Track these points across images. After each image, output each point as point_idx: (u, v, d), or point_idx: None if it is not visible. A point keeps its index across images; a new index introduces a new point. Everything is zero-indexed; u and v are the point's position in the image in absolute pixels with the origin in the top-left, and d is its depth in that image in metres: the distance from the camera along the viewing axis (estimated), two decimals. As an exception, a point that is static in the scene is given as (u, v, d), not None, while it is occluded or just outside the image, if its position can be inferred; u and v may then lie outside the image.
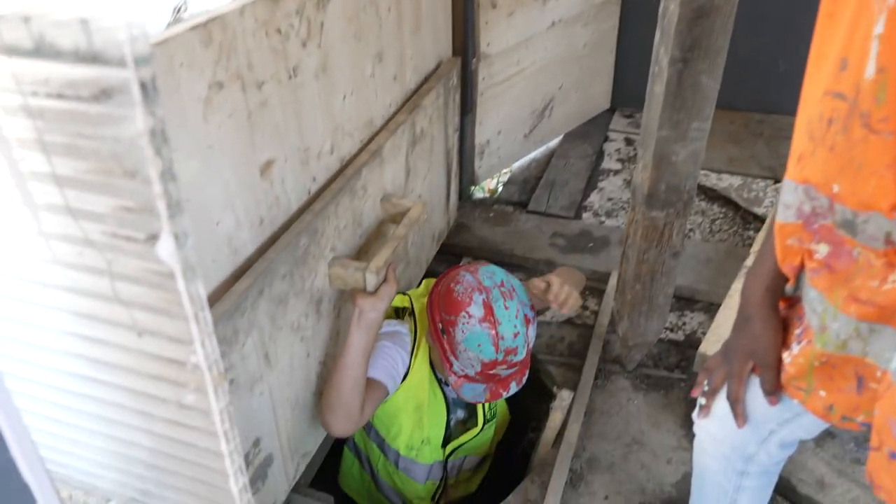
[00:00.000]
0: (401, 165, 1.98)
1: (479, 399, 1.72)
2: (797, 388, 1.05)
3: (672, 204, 1.68)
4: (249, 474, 1.45)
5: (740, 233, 2.63)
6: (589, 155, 3.08)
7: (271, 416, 1.48)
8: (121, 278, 0.65)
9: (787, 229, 0.93)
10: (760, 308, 1.07)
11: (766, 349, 1.07)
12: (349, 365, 1.53)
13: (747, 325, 1.09)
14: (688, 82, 1.47)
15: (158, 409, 0.76)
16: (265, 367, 1.41)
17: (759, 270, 1.07)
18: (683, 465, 1.81)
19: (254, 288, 1.32)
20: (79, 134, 0.57)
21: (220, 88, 1.29)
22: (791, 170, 0.90)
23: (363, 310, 1.54)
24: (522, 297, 1.68)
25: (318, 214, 1.53)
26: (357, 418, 1.56)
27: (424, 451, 1.84)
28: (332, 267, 1.59)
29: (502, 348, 1.60)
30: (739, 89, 3.15)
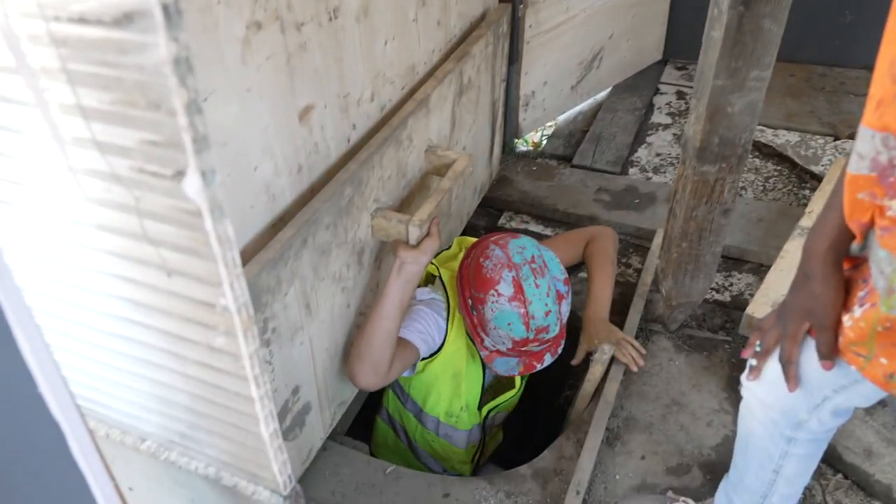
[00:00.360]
0: (447, 116, 1.93)
1: (513, 372, 1.70)
2: (856, 354, 0.99)
3: (725, 158, 1.60)
4: (288, 421, 1.46)
5: (795, 192, 2.52)
6: (638, 108, 2.97)
7: (310, 366, 1.49)
8: (149, 216, 0.64)
9: (859, 182, 0.86)
10: (822, 265, 1.01)
11: (825, 309, 1.01)
12: (384, 316, 1.51)
13: (807, 282, 1.03)
14: (749, 27, 1.38)
15: (190, 352, 0.75)
16: (306, 317, 1.40)
17: (823, 225, 1.01)
18: (724, 428, 1.77)
19: (297, 237, 1.30)
20: (102, 62, 0.55)
21: (258, 28, 1.26)
22: (868, 116, 0.83)
23: (404, 262, 1.51)
24: (555, 272, 1.63)
25: (363, 164, 1.49)
26: (384, 373, 1.54)
27: (463, 417, 1.84)
28: (375, 218, 1.57)
29: (533, 327, 1.58)
30: (801, 40, 2.98)
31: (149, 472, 0.96)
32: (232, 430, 0.81)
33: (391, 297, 1.52)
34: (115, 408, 0.92)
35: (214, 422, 0.81)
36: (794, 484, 1.31)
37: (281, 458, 0.81)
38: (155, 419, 0.89)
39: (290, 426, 1.47)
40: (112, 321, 0.78)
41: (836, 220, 0.96)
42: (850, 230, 0.95)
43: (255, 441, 0.80)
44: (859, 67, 3.00)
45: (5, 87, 0.61)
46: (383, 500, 1.64)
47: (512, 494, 1.64)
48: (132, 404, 0.90)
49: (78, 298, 0.78)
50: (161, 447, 0.92)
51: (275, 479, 0.83)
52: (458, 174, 1.69)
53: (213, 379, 0.76)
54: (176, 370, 0.79)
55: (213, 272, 0.64)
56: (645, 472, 1.69)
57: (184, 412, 0.85)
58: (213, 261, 0.63)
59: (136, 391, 0.87)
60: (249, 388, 0.73)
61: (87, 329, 0.81)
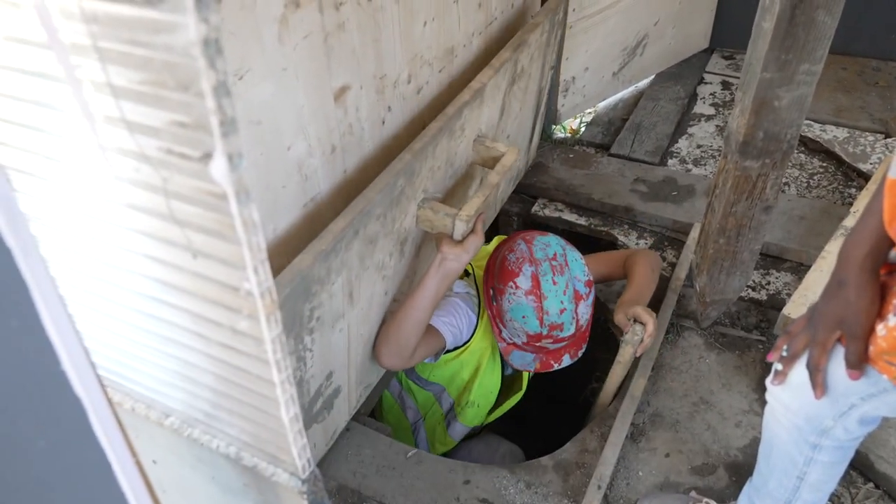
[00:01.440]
0: (498, 105, 1.89)
1: (529, 368, 1.72)
2: (888, 364, 0.95)
3: (769, 154, 1.55)
4: (318, 405, 1.46)
5: (840, 190, 2.44)
6: (681, 98, 2.91)
7: (345, 351, 1.49)
8: (176, 197, 0.63)
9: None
10: (859, 272, 0.97)
11: (858, 318, 0.97)
12: (417, 307, 1.52)
13: (841, 289, 0.99)
14: (801, 18, 1.33)
15: (214, 333, 0.75)
16: (348, 305, 1.40)
17: (861, 231, 0.97)
18: (753, 429, 1.73)
19: (350, 228, 1.29)
20: (132, 41, 0.54)
21: (296, 7, 1.24)
22: None
23: (446, 257, 1.51)
24: (576, 272, 1.63)
25: (416, 154, 1.46)
26: (407, 358, 1.57)
27: (468, 412, 1.85)
28: (422, 208, 1.55)
29: (546, 323, 1.59)
30: (856, 32, 2.88)
31: (172, 446, 0.97)
32: (253, 412, 0.81)
33: (428, 290, 1.52)
34: (141, 382, 0.93)
35: (236, 403, 0.82)
36: (818, 490, 1.28)
37: (300, 443, 0.81)
38: (179, 396, 0.90)
39: (319, 409, 1.48)
40: (139, 299, 0.78)
41: (876, 225, 0.92)
42: (890, 237, 0.91)
43: (276, 424, 0.80)
44: (916, 62, 2.88)
45: (38, 62, 0.61)
46: (403, 482, 1.64)
47: (532, 485, 1.63)
48: (158, 381, 0.91)
49: (106, 275, 0.78)
50: (184, 424, 0.93)
51: (294, 463, 0.84)
52: (507, 169, 1.66)
53: (235, 361, 0.76)
54: (201, 350, 0.79)
55: (237, 255, 0.64)
56: (668, 470, 1.67)
57: (207, 392, 0.85)
58: (238, 244, 0.62)
59: (161, 368, 0.88)
60: (271, 372, 0.73)
61: (115, 305, 0.81)
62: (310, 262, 1.21)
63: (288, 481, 0.87)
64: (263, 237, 0.64)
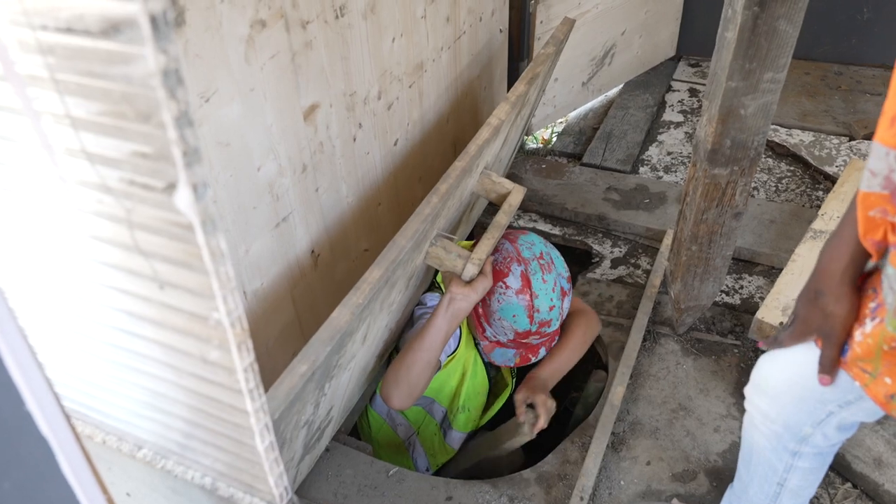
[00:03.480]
0: (503, 136, 1.87)
1: (509, 363, 1.73)
2: (862, 371, 0.96)
3: (737, 161, 1.57)
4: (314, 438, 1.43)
5: (808, 193, 2.48)
6: (650, 106, 2.94)
7: (346, 386, 1.47)
8: (140, 228, 0.62)
9: (870, 199, 0.84)
10: (838, 285, 0.96)
11: (835, 327, 0.97)
12: (427, 348, 1.52)
13: (819, 299, 0.99)
14: (763, 28, 1.35)
15: (185, 364, 0.74)
16: (361, 345, 1.38)
17: (839, 243, 0.96)
18: (731, 434, 1.75)
19: (384, 278, 1.26)
20: (89, 72, 0.53)
21: (262, 27, 1.24)
22: (883, 132, 0.79)
23: (454, 297, 1.52)
24: (560, 269, 1.65)
25: (443, 197, 1.43)
26: (417, 396, 1.57)
27: (460, 418, 1.84)
28: (434, 246, 1.53)
29: (537, 320, 1.60)
30: (817, 37, 2.94)
31: (146, 479, 0.95)
32: (227, 442, 0.79)
33: (438, 330, 1.53)
34: (111, 415, 0.91)
35: (210, 433, 0.80)
36: (798, 496, 1.29)
37: (277, 471, 0.80)
38: (151, 427, 0.88)
39: (313, 443, 1.45)
40: (107, 331, 0.76)
41: (853, 235, 0.92)
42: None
43: (251, 453, 0.78)
44: (876, 66, 2.95)
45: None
46: (385, 502, 1.63)
47: (515, 499, 1.63)
48: (129, 412, 0.89)
49: (72, 307, 0.76)
50: (157, 455, 0.91)
51: (270, 492, 0.82)
52: (514, 209, 1.66)
53: (208, 391, 0.74)
54: (172, 381, 0.77)
55: (205, 285, 0.63)
56: (650, 479, 1.67)
57: (180, 422, 0.84)
58: (206, 274, 0.61)
59: (132, 400, 0.86)
60: (245, 401, 0.72)
61: (81, 337, 0.80)
62: (348, 319, 1.18)
63: (265, 510, 0.85)
64: (233, 265, 0.63)
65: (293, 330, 1.54)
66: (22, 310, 0.79)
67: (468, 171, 1.53)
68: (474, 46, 2.12)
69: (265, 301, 1.43)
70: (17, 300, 0.79)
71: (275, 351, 1.48)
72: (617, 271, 2.24)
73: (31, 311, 0.80)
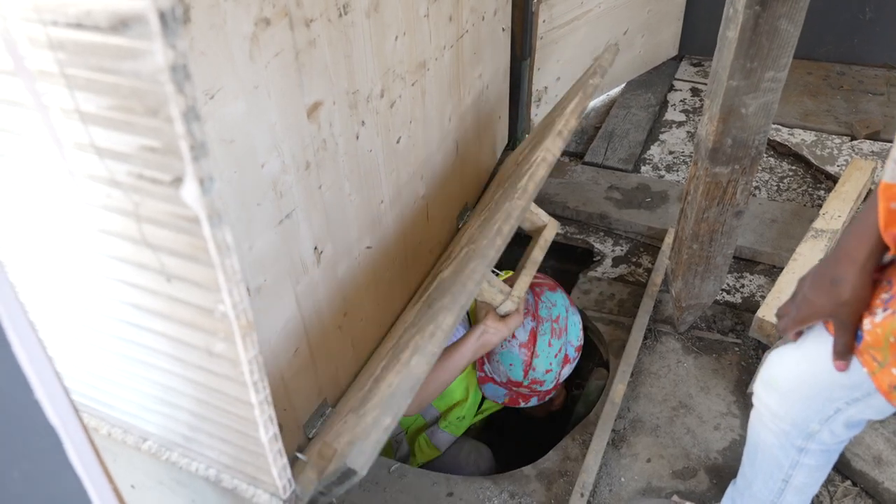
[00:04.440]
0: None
1: (498, 400, 1.77)
2: (872, 359, 0.96)
3: (738, 160, 1.58)
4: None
5: (810, 192, 2.49)
6: (652, 105, 2.95)
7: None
8: (148, 221, 0.63)
9: (892, 191, 0.84)
10: (859, 274, 0.94)
11: (850, 315, 0.97)
12: (449, 370, 1.56)
13: (834, 286, 0.97)
14: (765, 27, 1.36)
15: (190, 356, 0.75)
16: None
17: (864, 229, 0.94)
18: (732, 431, 1.75)
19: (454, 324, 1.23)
20: (99, 68, 0.54)
21: (267, 25, 1.25)
22: None
23: (487, 330, 1.55)
24: (572, 337, 1.70)
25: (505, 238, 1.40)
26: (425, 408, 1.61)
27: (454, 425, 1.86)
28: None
29: (530, 377, 1.63)
30: (820, 37, 2.94)
31: (150, 471, 0.96)
32: (232, 434, 0.80)
33: (464, 358, 1.57)
34: (117, 407, 0.92)
35: (215, 425, 0.81)
36: (802, 493, 1.29)
37: (280, 463, 0.81)
38: (156, 420, 0.89)
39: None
40: (113, 323, 0.78)
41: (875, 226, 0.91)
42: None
43: (255, 445, 0.79)
44: (878, 66, 2.95)
45: (5, 89, 0.61)
46: (387, 497, 1.64)
47: (516, 495, 1.64)
48: (134, 405, 0.90)
49: (79, 300, 0.77)
50: (162, 447, 0.92)
51: (274, 483, 0.83)
52: (548, 243, 1.66)
53: (213, 383, 0.75)
54: (177, 373, 0.78)
55: (211, 278, 0.64)
56: (651, 476, 1.68)
57: (185, 414, 0.85)
58: (212, 267, 0.62)
59: (138, 392, 0.87)
60: (249, 393, 0.73)
61: (88, 330, 0.81)
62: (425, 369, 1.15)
63: (268, 502, 0.86)
64: (238, 259, 0.64)
65: (296, 326, 1.55)
66: (31, 303, 0.80)
67: (525, 210, 1.51)
68: (477, 45, 2.13)
69: (268, 297, 1.44)
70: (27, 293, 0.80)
71: (277, 347, 1.49)
72: (618, 270, 2.24)
73: (40, 304, 0.82)
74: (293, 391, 1.56)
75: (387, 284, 1.89)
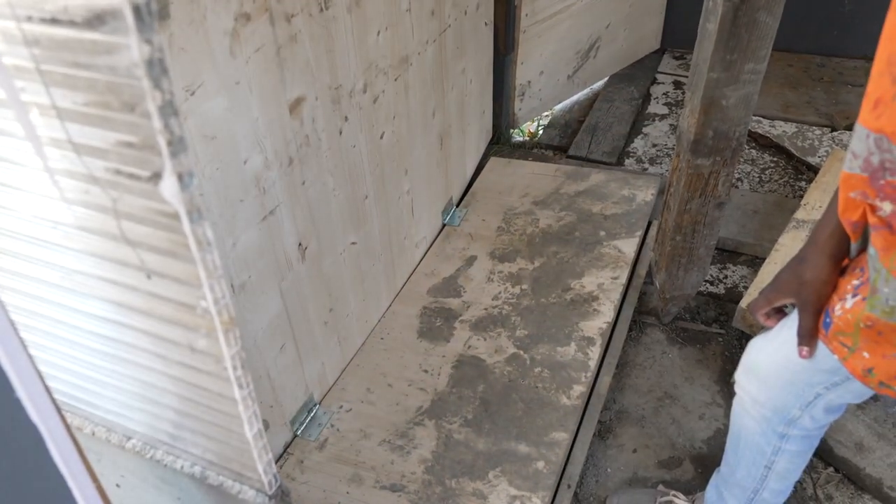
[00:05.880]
0: None
1: None
2: (841, 344, 0.99)
3: (719, 152, 1.59)
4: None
5: (791, 183, 2.51)
6: (635, 98, 2.96)
7: None
8: (127, 217, 0.63)
9: (851, 181, 0.86)
10: (818, 254, 1.01)
11: (809, 294, 1.01)
12: None
13: (799, 265, 1.04)
14: (744, 20, 1.37)
15: (172, 353, 0.75)
16: None
17: (827, 215, 1.01)
18: (716, 421, 1.77)
19: None
20: (74, 63, 0.54)
21: (247, 20, 1.24)
22: (865, 115, 0.81)
23: None
24: None
25: None
26: None
27: None
28: None
29: None
30: (800, 30, 2.97)
31: (135, 469, 0.96)
32: (216, 431, 0.80)
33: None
34: (100, 406, 0.91)
35: (199, 422, 0.81)
36: (785, 479, 1.31)
37: (265, 458, 0.81)
38: (140, 418, 0.89)
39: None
40: (94, 321, 0.77)
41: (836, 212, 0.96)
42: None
43: (239, 441, 0.79)
44: (858, 58, 2.98)
45: (-21, 86, 0.60)
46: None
47: (503, 487, 1.64)
48: (117, 403, 0.90)
49: (59, 298, 0.77)
50: (147, 445, 0.92)
51: (260, 479, 0.83)
52: None
53: (196, 380, 0.75)
54: (160, 370, 0.78)
55: (192, 274, 0.63)
56: (636, 466, 1.69)
57: (169, 412, 0.85)
58: (192, 263, 0.62)
59: (120, 390, 0.86)
60: (232, 389, 0.73)
61: (70, 328, 0.80)
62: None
63: (254, 498, 0.86)
64: (219, 254, 0.64)
65: (281, 323, 1.54)
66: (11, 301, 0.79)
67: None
68: (460, 40, 2.13)
69: (253, 294, 1.44)
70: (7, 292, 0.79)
71: (262, 344, 1.49)
72: (603, 262, 2.25)
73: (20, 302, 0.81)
74: (279, 388, 1.56)
75: (372, 280, 1.89)
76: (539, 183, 2.41)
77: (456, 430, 1.67)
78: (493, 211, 2.31)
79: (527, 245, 2.16)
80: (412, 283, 2.09)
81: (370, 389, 1.79)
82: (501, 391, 1.74)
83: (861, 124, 0.83)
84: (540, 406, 1.68)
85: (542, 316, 1.91)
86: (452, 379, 1.79)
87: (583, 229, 2.18)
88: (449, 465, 1.59)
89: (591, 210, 2.26)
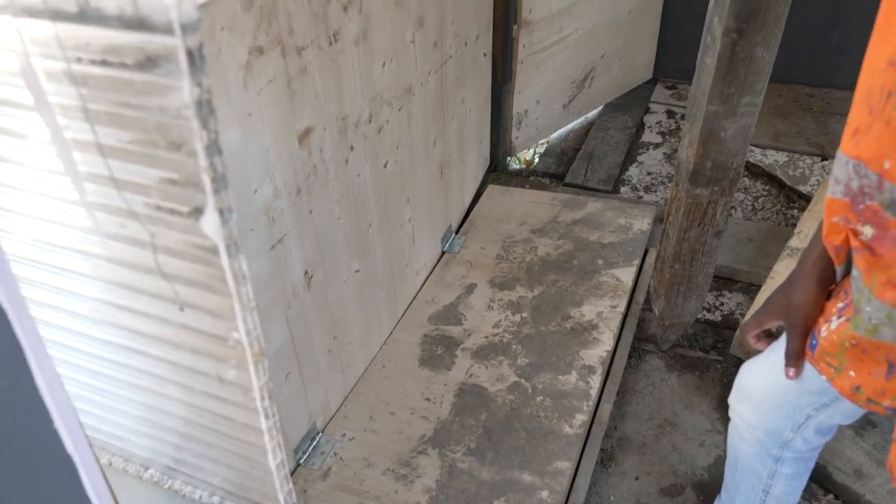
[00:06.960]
0: None
1: None
2: (828, 365, 1.01)
3: (717, 182, 1.62)
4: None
5: (784, 212, 2.55)
6: (629, 127, 3.01)
7: None
8: (164, 251, 0.64)
9: (834, 206, 0.90)
10: (805, 277, 1.04)
11: (797, 318, 1.04)
12: None
13: (788, 287, 1.07)
14: (741, 55, 1.41)
15: (199, 383, 0.75)
16: None
17: (814, 240, 1.04)
18: (716, 448, 1.78)
19: None
20: (123, 103, 0.55)
21: (260, 54, 1.26)
22: (845, 142, 0.86)
23: None
24: None
25: None
26: None
27: None
28: None
29: None
30: (790, 61, 3.04)
31: (151, 499, 0.96)
32: (239, 461, 0.81)
33: None
34: (117, 435, 0.92)
35: (221, 452, 0.82)
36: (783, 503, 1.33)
37: (286, 488, 0.82)
38: (157, 446, 0.89)
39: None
40: (117, 351, 0.78)
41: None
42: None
43: (262, 471, 0.80)
44: (846, 88, 3.06)
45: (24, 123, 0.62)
46: None
47: (507, 515, 1.64)
48: (134, 432, 0.90)
49: (90, 329, 0.78)
50: (164, 476, 0.92)
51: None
52: None
53: (222, 410, 0.76)
54: (184, 401, 0.79)
55: (226, 306, 0.65)
56: (639, 493, 1.70)
57: (188, 441, 0.85)
58: (228, 296, 0.64)
59: (138, 419, 0.87)
60: (259, 419, 0.73)
61: (96, 359, 0.81)
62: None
63: (274, 528, 0.87)
64: (251, 287, 0.65)
65: (286, 351, 1.55)
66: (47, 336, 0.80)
67: None
68: (460, 70, 2.17)
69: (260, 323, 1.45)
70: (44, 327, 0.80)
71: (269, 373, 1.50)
72: (601, 289, 2.28)
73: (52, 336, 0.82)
74: (283, 416, 1.56)
75: (374, 307, 1.90)
76: (536, 211, 2.44)
77: (459, 458, 1.67)
78: (492, 238, 2.33)
79: (526, 273, 2.18)
80: (413, 310, 2.10)
81: (373, 417, 1.79)
82: (504, 420, 1.75)
83: (842, 151, 0.87)
84: (542, 435, 1.69)
85: (543, 344, 1.92)
86: (455, 407, 1.80)
87: (581, 258, 2.21)
88: (453, 495, 1.59)
89: (589, 238, 2.29)
